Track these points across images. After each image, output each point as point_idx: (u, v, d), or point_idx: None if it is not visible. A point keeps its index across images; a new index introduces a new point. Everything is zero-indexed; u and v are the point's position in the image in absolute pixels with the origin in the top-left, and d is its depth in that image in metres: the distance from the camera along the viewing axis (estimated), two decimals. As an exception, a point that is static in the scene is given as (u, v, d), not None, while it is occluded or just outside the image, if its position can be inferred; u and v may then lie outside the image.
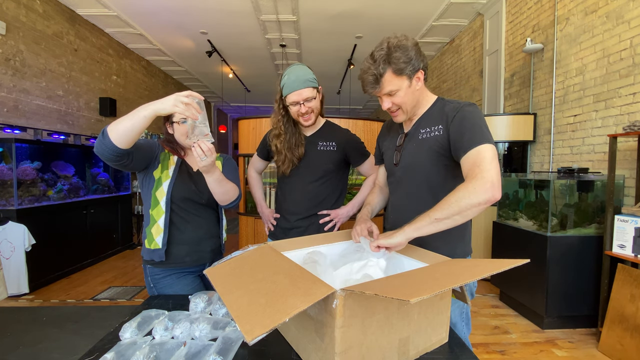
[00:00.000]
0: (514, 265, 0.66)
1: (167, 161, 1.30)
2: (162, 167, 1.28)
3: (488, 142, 0.93)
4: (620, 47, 2.46)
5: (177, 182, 1.27)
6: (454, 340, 0.85)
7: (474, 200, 0.85)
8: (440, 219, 0.87)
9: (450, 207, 0.87)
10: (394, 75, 1.01)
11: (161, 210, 1.24)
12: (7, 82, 3.51)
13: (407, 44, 1.00)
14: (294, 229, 1.56)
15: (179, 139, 1.30)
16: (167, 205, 1.24)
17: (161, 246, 1.22)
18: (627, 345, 1.95)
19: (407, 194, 1.15)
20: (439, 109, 1.09)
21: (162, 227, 1.24)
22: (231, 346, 0.77)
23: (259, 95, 9.82)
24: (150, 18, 4.79)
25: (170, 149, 1.31)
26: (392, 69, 1.00)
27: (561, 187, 2.59)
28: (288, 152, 1.49)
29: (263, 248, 0.95)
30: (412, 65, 1.00)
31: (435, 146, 1.05)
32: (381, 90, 1.04)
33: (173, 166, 1.30)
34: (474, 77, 4.75)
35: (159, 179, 1.26)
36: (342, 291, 0.62)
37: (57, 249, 3.43)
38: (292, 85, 1.37)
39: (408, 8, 4.40)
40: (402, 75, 1.01)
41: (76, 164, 4.05)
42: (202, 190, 1.30)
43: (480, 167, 0.88)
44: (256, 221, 3.03)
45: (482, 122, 0.98)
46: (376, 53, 1.01)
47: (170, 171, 1.28)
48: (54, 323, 2.45)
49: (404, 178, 1.16)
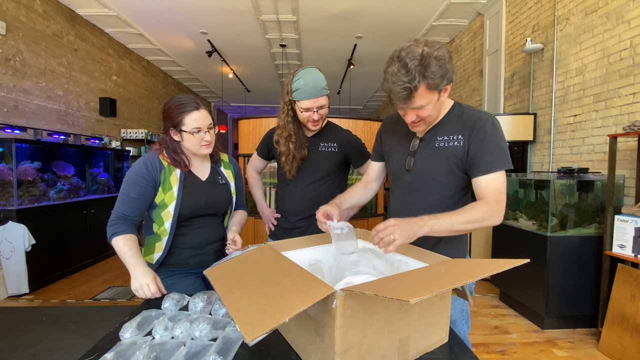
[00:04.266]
0: (514, 265, 0.66)
1: (168, 180, 1.18)
2: (163, 188, 1.17)
3: (507, 166, 0.98)
4: (620, 47, 2.46)
5: (183, 201, 1.19)
6: (454, 340, 0.85)
7: (491, 222, 0.93)
8: (458, 230, 0.91)
9: (472, 224, 0.91)
10: (427, 90, 0.90)
11: (165, 232, 1.19)
12: (7, 82, 3.51)
13: (444, 56, 0.89)
14: (295, 229, 1.56)
15: (190, 148, 1.20)
16: (172, 227, 1.19)
17: (154, 262, 1.20)
18: (627, 345, 1.95)
19: (415, 202, 1.11)
20: (457, 116, 1.05)
21: (163, 247, 1.20)
22: (231, 346, 0.77)
23: (259, 95, 9.82)
24: (150, 18, 4.79)
25: (172, 161, 1.20)
26: (426, 84, 0.89)
27: (561, 187, 2.59)
28: (297, 153, 1.48)
29: (263, 248, 0.95)
30: (447, 79, 0.91)
31: (454, 157, 1.03)
32: (412, 104, 0.93)
33: (177, 184, 1.19)
34: (474, 77, 4.75)
35: (162, 202, 1.18)
36: (342, 291, 0.62)
37: (57, 249, 3.43)
38: (308, 92, 1.34)
39: (408, 8, 4.40)
40: (434, 90, 0.91)
41: (76, 164, 4.05)
42: (210, 203, 1.26)
43: (499, 193, 0.96)
44: (256, 221, 3.03)
45: (504, 142, 1.00)
46: (409, 62, 0.87)
47: (175, 190, 1.18)
48: (54, 323, 2.45)
49: (414, 185, 1.11)
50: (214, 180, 1.30)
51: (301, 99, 1.36)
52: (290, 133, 1.45)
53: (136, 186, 1.14)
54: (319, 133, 1.56)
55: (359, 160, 1.60)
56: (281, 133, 1.47)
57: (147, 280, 1.04)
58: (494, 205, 0.93)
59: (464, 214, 0.91)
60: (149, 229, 1.23)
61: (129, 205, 1.14)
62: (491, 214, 0.92)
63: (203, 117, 1.18)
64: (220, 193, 1.31)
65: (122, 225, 1.12)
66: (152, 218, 1.21)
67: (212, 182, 1.29)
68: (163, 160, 1.19)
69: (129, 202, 1.14)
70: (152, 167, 1.16)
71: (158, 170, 1.17)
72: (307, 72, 1.36)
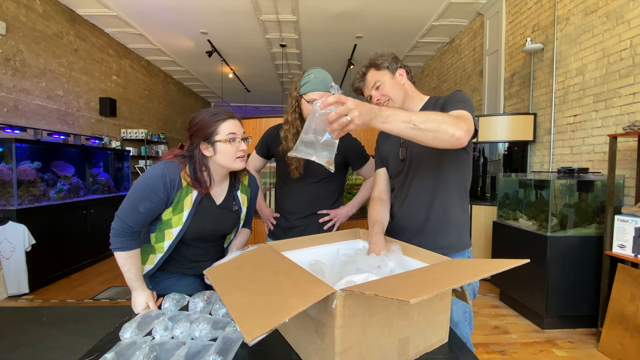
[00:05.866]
0: (514, 265, 0.66)
1: (182, 202, 1.09)
2: (174, 209, 1.09)
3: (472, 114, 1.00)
4: (620, 47, 2.46)
5: (190, 226, 1.12)
6: (454, 340, 0.85)
7: (451, 130, 0.87)
8: (416, 127, 0.85)
9: (431, 122, 0.86)
10: (375, 70, 1.19)
11: (162, 250, 1.13)
12: (7, 82, 3.51)
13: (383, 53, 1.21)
14: (294, 228, 1.57)
15: (224, 161, 1.10)
16: (169, 248, 1.13)
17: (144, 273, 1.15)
18: (627, 345, 1.95)
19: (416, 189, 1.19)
20: (432, 103, 1.18)
21: (155, 262, 1.14)
22: (231, 346, 0.77)
23: (259, 95, 9.83)
24: (150, 18, 4.79)
25: (194, 180, 1.09)
26: (373, 67, 1.20)
27: (561, 187, 2.59)
28: None
29: (263, 248, 0.95)
30: (388, 62, 1.18)
31: None
32: (366, 84, 1.21)
33: (188, 209, 1.10)
34: (474, 77, 4.75)
35: (168, 221, 1.10)
36: (342, 291, 0.62)
37: (57, 249, 3.42)
38: (317, 85, 1.39)
39: (408, 8, 4.40)
40: (382, 69, 1.18)
41: (76, 164, 4.05)
42: (217, 230, 1.20)
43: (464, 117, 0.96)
44: (256, 221, 3.03)
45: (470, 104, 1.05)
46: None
47: (185, 215, 1.10)
48: (54, 323, 2.45)
49: (412, 172, 1.19)
50: (228, 205, 1.22)
51: (309, 91, 1.40)
52: (298, 129, 1.46)
53: (147, 201, 1.04)
54: None
55: (358, 163, 1.62)
56: (289, 129, 1.47)
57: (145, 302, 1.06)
58: (454, 117, 0.91)
59: (423, 113, 0.88)
60: (146, 237, 1.16)
61: (136, 218, 1.05)
62: (451, 122, 0.88)
63: (238, 125, 1.11)
64: (230, 219, 1.24)
65: (127, 240, 1.04)
66: (154, 229, 1.14)
67: (226, 207, 1.22)
68: (183, 179, 1.08)
69: (136, 215, 1.05)
70: (171, 185, 1.06)
71: (175, 189, 1.07)
72: (317, 70, 1.43)
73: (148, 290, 1.09)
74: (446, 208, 1.15)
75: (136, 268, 1.06)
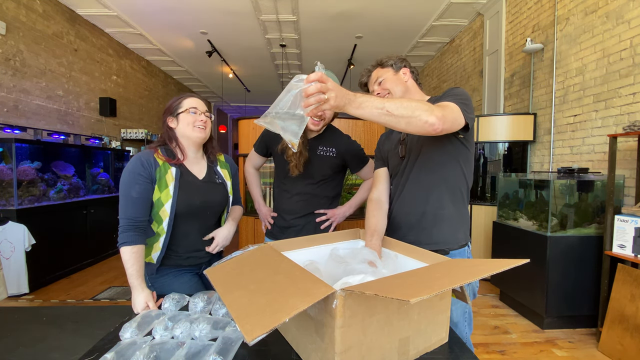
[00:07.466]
0: (514, 265, 0.66)
1: (164, 178, 1.17)
2: (159, 186, 1.16)
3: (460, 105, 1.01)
4: (620, 47, 2.46)
5: (179, 200, 1.19)
6: (454, 340, 0.85)
7: (424, 117, 0.88)
8: (389, 114, 0.86)
9: (405, 109, 0.87)
10: (380, 68, 1.27)
11: (163, 230, 1.19)
12: (7, 82, 3.51)
13: (391, 55, 1.29)
14: (291, 228, 1.58)
15: (184, 129, 1.20)
16: (169, 226, 1.19)
17: (155, 262, 1.21)
18: (627, 345, 1.95)
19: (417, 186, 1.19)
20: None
21: (161, 247, 1.20)
22: (231, 346, 0.77)
23: (259, 95, 9.82)
24: (150, 18, 4.79)
25: (167, 156, 1.20)
26: (379, 65, 1.28)
27: (561, 187, 2.59)
28: (303, 150, 1.50)
29: (263, 248, 0.95)
30: (393, 61, 1.25)
31: None
32: (371, 80, 1.28)
33: (172, 183, 1.18)
34: (474, 77, 4.75)
35: (158, 201, 1.17)
36: (342, 291, 0.62)
37: (57, 249, 3.42)
38: None
39: (408, 8, 4.40)
40: (386, 67, 1.25)
41: (76, 164, 4.05)
42: (206, 202, 1.26)
43: (445, 106, 0.96)
44: (256, 221, 3.04)
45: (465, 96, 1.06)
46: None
47: (171, 189, 1.18)
48: (54, 323, 2.45)
49: (409, 164, 1.21)
50: (211, 179, 1.31)
51: None
52: None
53: (135, 184, 1.13)
54: (319, 137, 1.57)
55: (356, 166, 1.63)
56: None
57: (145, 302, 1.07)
58: (431, 105, 0.91)
59: (397, 100, 0.89)
60: (150, 229, 1.23)
61: (134, 207, 1.13)
62: (425, 109, 0.88)
63: (200, 103, 1.25)
64: (217, 192, 1.31)
65: (132, 234, 1.11)
66: (152, 217, 1.20)
67: (209, 181, 1.30)
68: (158, 158, 1.18)
69: (133, 203, 1.13)
70: (147, 163, 1.15)
71: (153, 167, 1.16)
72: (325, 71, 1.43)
73: (148, 290, 1.10)
74: (442, 203, 1.15)
75: (139, 265, 1.10)
